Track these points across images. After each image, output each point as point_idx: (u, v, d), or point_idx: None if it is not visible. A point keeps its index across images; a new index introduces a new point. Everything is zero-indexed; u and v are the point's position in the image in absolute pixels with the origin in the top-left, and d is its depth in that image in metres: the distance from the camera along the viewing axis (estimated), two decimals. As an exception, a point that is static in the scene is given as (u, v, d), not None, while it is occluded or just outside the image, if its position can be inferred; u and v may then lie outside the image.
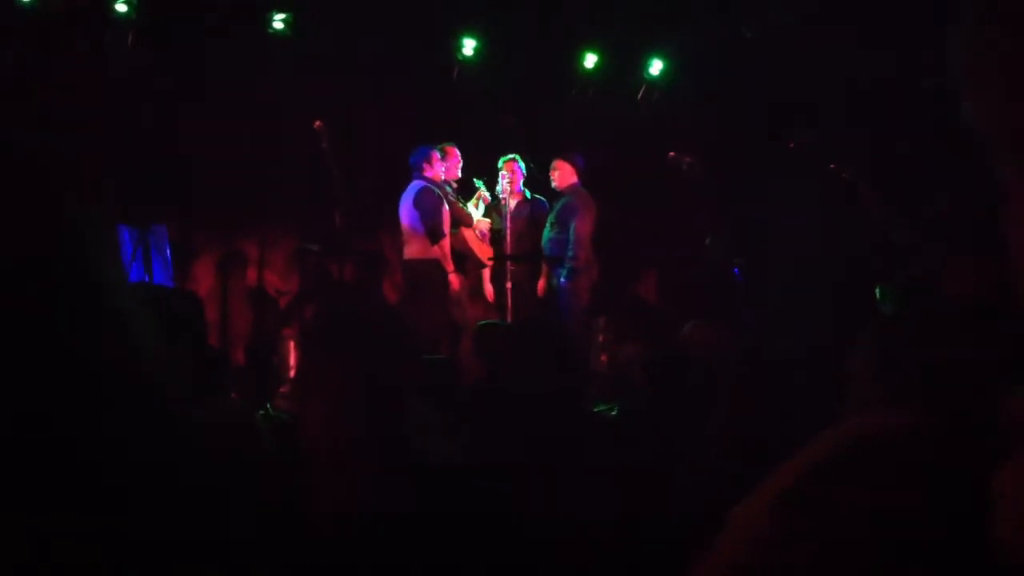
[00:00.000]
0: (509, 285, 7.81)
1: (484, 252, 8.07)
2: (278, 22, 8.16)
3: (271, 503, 1.76)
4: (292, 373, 7.44)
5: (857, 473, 0.73)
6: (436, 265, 7.58)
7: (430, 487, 1.86)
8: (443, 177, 7.80)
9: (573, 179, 8.01)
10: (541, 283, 8.00)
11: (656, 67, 9.26)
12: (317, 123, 7.39)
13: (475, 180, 8.19)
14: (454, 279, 7.65)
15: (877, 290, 5.53)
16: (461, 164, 7.98)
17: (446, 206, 7.63)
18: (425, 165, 7.67)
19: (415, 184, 7.64)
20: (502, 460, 2.11)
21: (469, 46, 8.80)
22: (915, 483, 0.71)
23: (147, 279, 6.83)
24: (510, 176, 7.97)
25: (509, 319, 7.74)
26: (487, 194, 8.19)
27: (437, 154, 7.74)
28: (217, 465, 0.87)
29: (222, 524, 0.83)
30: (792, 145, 8.25)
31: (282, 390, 7.30)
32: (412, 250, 7.66)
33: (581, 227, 7.78)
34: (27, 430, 0.72)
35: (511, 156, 8.06)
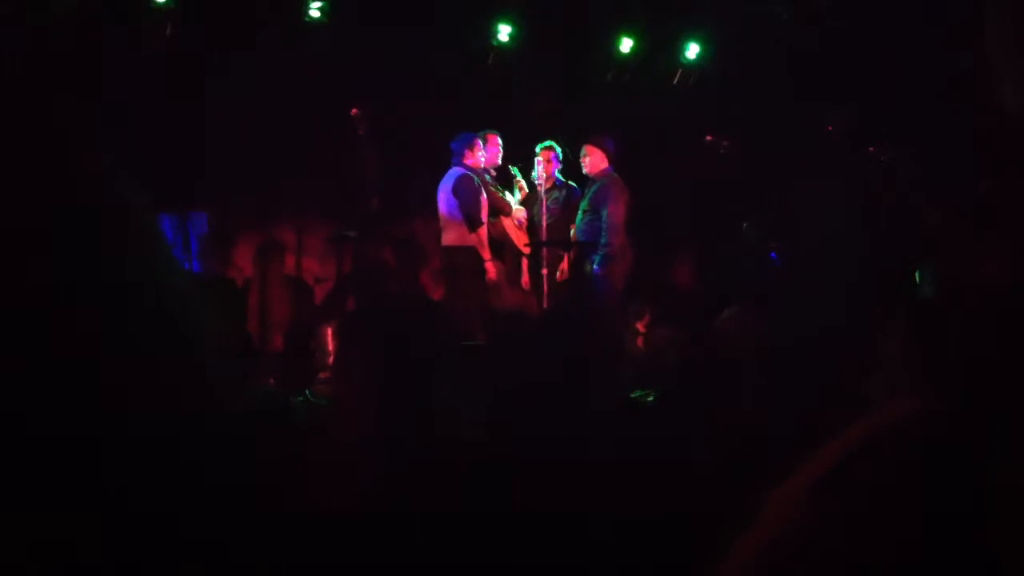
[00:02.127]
0: (545, 272, 7.81)
1: (521, 240, 8.06)
2: (314, 10, 8.19)
3: (296, 494, 1.78)
4: (331, 360, 7.49)
5: (891, 459, 0.73)
6: (473, 252, 7.59)
7: (452, 477, 1.88)
8: (483, 164, 7.79)
9: (604, 164, 7.95)
10: (563, 266, 7.94)
11: (693, 51, 9.20)
12: (354, 110, 7.42)
13: (510, 167, 8.18)
14: (491, 267, 7.65)
15: (916, 273, 5.47)
16: (501, 152, 7.97)
17: (484, 194, 7.63)
18: (467, 152, 7.66)
19: (454, 171, 7.64)
20: (525, 449, 2.12)
21: (504, 32, 8.78)
22: (949, 470, 0.71)
23: (187, 267, 6.91)
24: (545, 163, 7.95)
25: (545, 305, 7.74)
26: (524, 182, 8.18)
27: (479, 141, 7.73)
28: (252, 455, 0.88)
29: (251, 515, 0.84)
30: (830, 129, 8.19)
31: (322, 376, 7.36)
32: (450, 237, 7.68)
33: (614, 213, 7.73)
34: (89, 423, 0.74)
35: (548, 143, 8.04)
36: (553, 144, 8.04)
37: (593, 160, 7.95)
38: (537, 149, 8.02)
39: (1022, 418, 0.73)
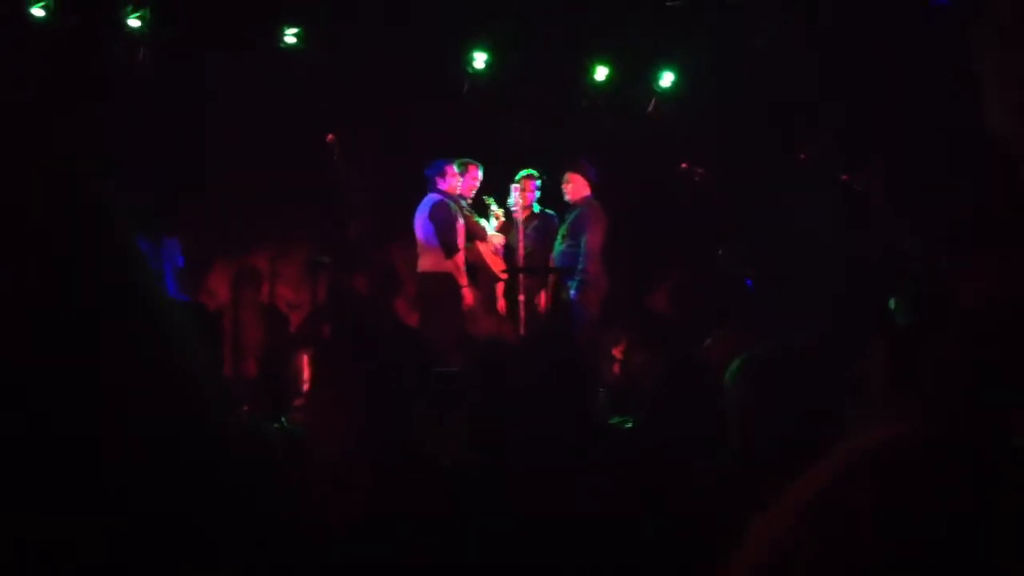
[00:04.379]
0: (522, 298, 7.82)
1: (498, 266, 8.07)
2: (290, 36, 8.20)
3: (281, 512, 1.77)
4: (306, 387, 7.45)
5: (875, 484, 0.73)
6: (450, 278, 7.58)
7: (439, 494, 1.87)
8: (458, 191, 7.80)
9: (586, 191, 8.00)
10: (543, 296, 7.98)
11: (667, 79, 9.27)
12: (329, 136, 7.42)
13: (484, 197, 8.19)
14: (468, 292, 7.65)
15: (891, 301, 5.51)
16: (479, 183, 7.99)
17: (461, 220, 7.63)
18: (438, 179, 7.67)
19: (430, 197, 7.65)
20: (508, 465, 2.12)
21: (480, 59, 8.82)
22: (934, 494, 0.71)
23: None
24: (526, 191, 7.98)
25: (522, 332, 7.74)
26: (499, 211, 8.19)
27: (452, 167, 7.74)
28: (242, 475, 0.88)
29: (240, 528, 0.84)
30: (804, 157, 8.26)
31: (296, 403, 7.31)
32: (426, 263, 7.67)
33: (592, 239, 7.77)
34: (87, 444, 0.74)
35: (529, 171, 8.06)
36: (533, 172, 8.07)
37: (575, 187, 7.99)
38: (517, 177, 8.04)
39: (1002, 438, 0.73)
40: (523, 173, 8.03)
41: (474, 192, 8.02)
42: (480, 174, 7.96)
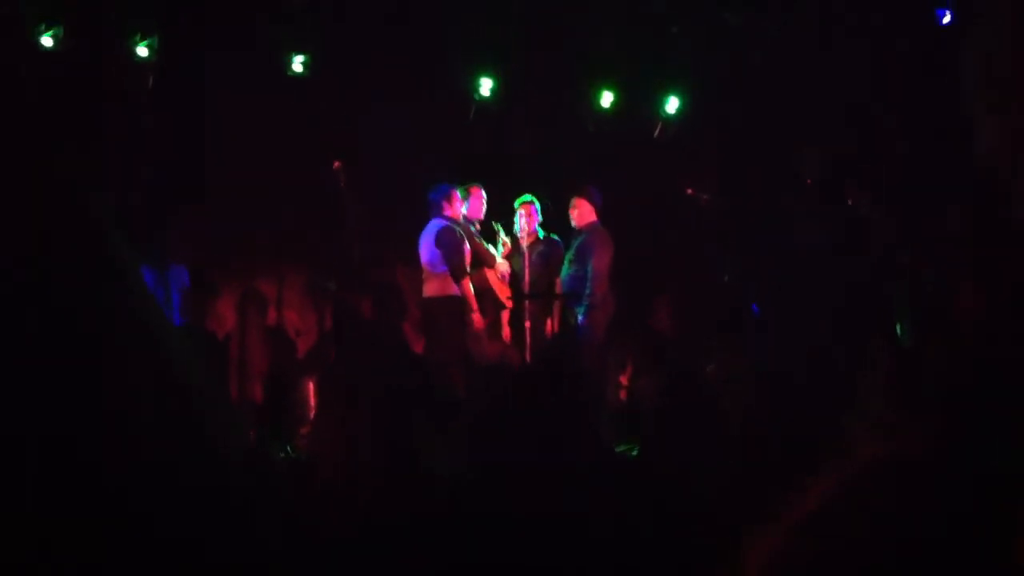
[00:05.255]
0: (528, 324, 7.82)
1: (504, 292, 8.06)
2: (297, 64, 8.25)
3: (283, 534, 1.77)
4: (312, 414, 7.45)
5: (871, 499, 0.73)
6: (456, 303, 7.57)
7: (443, 518, 1.87)
8: (463, 215, 7.81)
9: (592, 217, 8.03)
10: (549, 323, 8.00)
11: (672, 104, 9.30)
12: (336, 163, 7.45)
13: (493, 223, 8.20)
14: (476, 318, 7.64)
15: (898, 327, 5.52)
16: (485, 205, 8.00)
17: (467, 245, 7.64)
18: (445, 203, 7.67)
19: (436, 222, 7.64)
20: (513, 490, 2.11)
21: (486, 86, 8.86)
22: (930, 507, 0.71)
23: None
24: (526, 217, 8.00)
25: (527, 358, 7.73)
26: (507, 238, 8.19)
27: (457, 192, 7.75)
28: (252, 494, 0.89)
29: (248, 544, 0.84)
30: (809, 182, 8.29)
31: (302, 431, 7.30)
32: (431, 288, 7.67)
33: (599, 264, 7.79)
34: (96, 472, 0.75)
35: (528, 197, 8.08)
36: (532, 198, 8.09)
37: (581, 212, 8.02)
38: (516, 204, 8.06)
39: (998, 453, 0.73)
40: (522, 199, 8.05)
41: (482, 214, 8.03)
42: (484, 195, 7.98)
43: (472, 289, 7.65)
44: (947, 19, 8.14)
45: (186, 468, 0.80)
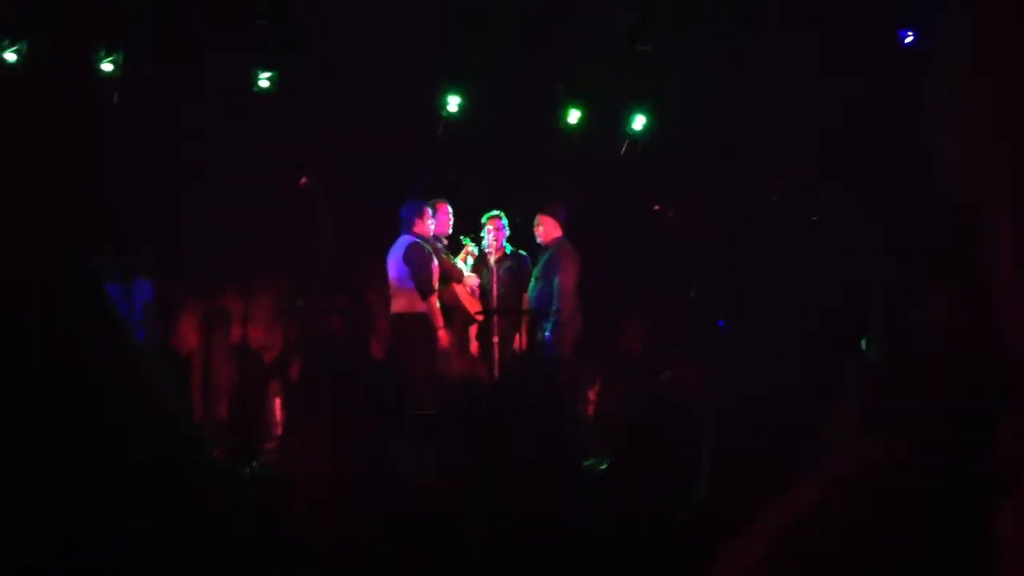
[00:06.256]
0: (496, 339, 7.82)
1: (473, 307, 8.06)
2: (264, 80, 8.23)
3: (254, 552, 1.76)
4: (278, 430, 7.40)
5: (846, 511, 0.74)
6: (423, 319, 7.56)
7: (415, 533, 1.86)
8: (432, 232, 7.81)
9: (557, 233, 8.05)
10: (517, 339, 8.00)
11: (639, 122, 9.35)
12: (303, 180, 7.43)
13: (461, 238, 8.21)
14: (443, 334, 7.63)
15: (863, 341, 5.56)
16: (452, 220, 8.01)
17: (436, 261, 7.63)
18: (416, 220, 7.67)
19: (404, 239, 7.64)
20: (484, 506, 2.11)
21: (453, 103, 8.88)
22: (903, 520, 0.72)
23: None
24: (494, 232, 8.01)
25: (496, 373, 7.73)
26: (474, 249, 8.20)
27: (428, 210, 7.76)
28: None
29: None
30: (775, 199, 8.35)
31: (268, 446, 7.25)
32: (400, 304, 7.65)
33: (565, 280, 7.81)
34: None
35: (495, 212, 8.10)
36: (500, 214, 8.10)
37: (547, 229, 8.04)
38: (483, 219, 8.08)
39: (972, 470, 0.74)
40: (489, 215, 8.07)
41: (450, 230, 8.03)
42: (450, 210, 7.98)
43: (440, 305, 7.65)
44: (909, 39, 8.25)
45: (154, 480, 0.80)
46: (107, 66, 7.70)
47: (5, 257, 0.78)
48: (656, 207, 8.56)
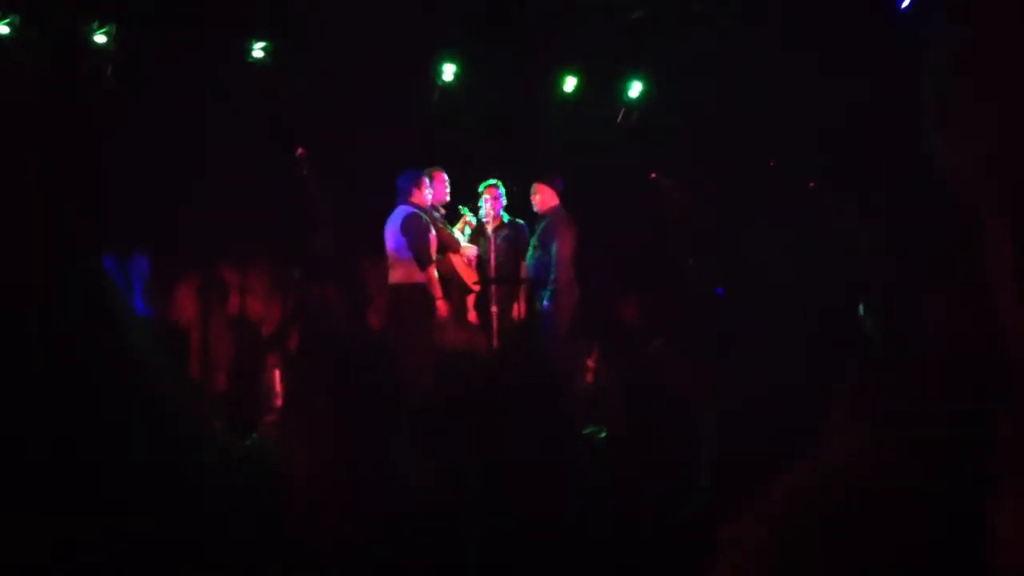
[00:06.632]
0: (495, 309, 7.81)
1: (471, 277, 8.05)
2: (258, 51, 8.18)
3: (253, 527, 1.76)
4: (278, 402, 7.40)
5: (843, 500, 0.74)
6: (422, 290, 7.54)
7: (412, 508, 1.87)
8: (430, 202, 7.78)
9: (554, 201, 8.04)
10: (515, 308, 7.99)
11: (635, 89, 9.31)
12: (299, 150, 7.39)
13: (460, 207, 8.19)
14: (442, 305, 7.62)
15: (860, 307, 5.55)
16: (449, 188, 7.97)
17: (433, 231, 7.61)
18: (414, 189, 7.63)
19: (402, 209, 7.60)
20: (482, 478, 2.12)
21: (449, 71, 8.83)
22: (899, 507, 0.72)
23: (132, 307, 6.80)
24: (492, 201, 7.99)
25: (495, 343, 7.73)
26: (472, 219, 8.18)
27: (426, 179, 7.72)
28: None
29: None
30: (773, 164, 8.32)
31: (267, 419, 7.26)
32: (397, 275, 7.63)
33: (562, 249, 7.80)
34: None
35: (492, 181, 8.07)
36: (497, 182, 8.07)
37: (543, 198, 8.03)
38: (480, 188, 8.05)
39: (971, 470, 0.74)
40: (487, 183, 8.05)
41: (447, 199, 8.01)
42: (447, 179, 7.95)
43: (437, 276, 7.64)
44: (906, 3, 8.18)
45: (154, 463, 0.79)
46: (100, 37, 7.65)
47: (5, 257, 0.77)
48: (652, 175, 8.53)
